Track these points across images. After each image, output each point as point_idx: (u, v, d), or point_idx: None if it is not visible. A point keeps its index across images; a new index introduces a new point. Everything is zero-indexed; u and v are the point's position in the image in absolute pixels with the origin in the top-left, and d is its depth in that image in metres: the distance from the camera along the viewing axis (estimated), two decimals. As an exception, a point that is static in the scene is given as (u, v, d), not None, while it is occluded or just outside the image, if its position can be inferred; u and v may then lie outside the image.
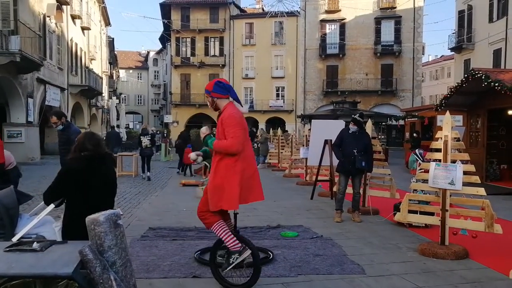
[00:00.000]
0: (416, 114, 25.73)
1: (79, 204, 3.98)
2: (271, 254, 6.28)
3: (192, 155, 9.86)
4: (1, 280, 2.79)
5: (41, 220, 4.21)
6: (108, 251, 2.87)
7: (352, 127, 8.99)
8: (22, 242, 3.28)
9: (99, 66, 45.33)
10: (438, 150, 6.80)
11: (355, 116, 9.13)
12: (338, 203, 9.13)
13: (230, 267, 4.73)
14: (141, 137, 17.46)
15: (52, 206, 4.18)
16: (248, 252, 4.78)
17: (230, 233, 4.86)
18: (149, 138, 17.24)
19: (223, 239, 4.85)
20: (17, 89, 23.00)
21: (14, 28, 21.35)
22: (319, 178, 12.63)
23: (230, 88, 4.99)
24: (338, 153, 9.09)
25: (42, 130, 27.06)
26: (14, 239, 3.78)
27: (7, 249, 2.98)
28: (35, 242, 3.08)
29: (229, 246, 4.78)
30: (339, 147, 9.12)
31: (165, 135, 41.22)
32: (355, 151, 8.81)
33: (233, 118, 4.78)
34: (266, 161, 23.47)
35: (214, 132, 5.11)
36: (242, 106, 4.61)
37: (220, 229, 4.87)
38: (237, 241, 4.81)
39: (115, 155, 19.37)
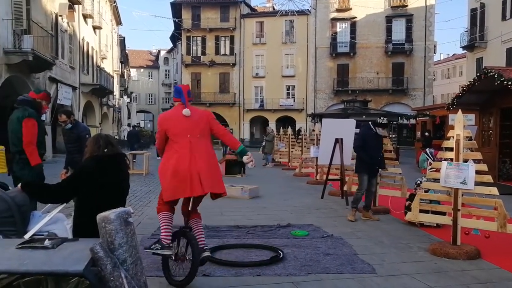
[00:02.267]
0: (428, 113, 25.57)
1: (91, 203, 4.00)
2: (281, 253, 6.27)
3: None
4: (13, 276, 2.80)
5: (53, 217, 4.22)
6: (119, 249, 2.87)
7: (380, 131, 9.10)
8: (34, 239, 3.29)
9: (110, 65, 45.51)
10: (450, 149, 6.76)
11: (382, 122, 9.15)
12: (357, 202, 9.12)
13: (148, 250, 5.08)
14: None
15: (64, 203, 4.21)
16: (168, 253, 5.05)
17: (167, 226, 5.19)
18: None
19: (160, 227, 5.25)
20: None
21: (27, 27, 21.48)
22: (330, 177, 12.61)
23: (181, 91, 5.33)
24: (366, 155, 9.03)
25: (54, 128, 27.19)
26: (26, 236, 3.79)
27: (19, 246, 2.98)
28: (47, 240, 3.08)
29: (160, 236, 5.16)
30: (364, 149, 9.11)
31: None
32: (379, 153, 9.16)
33: (158, 120, 5.38)
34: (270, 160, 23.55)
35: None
36: (186, 108, 4.94)
37: (161, 219, 5.25)
38: (169, 237, 5.13)
39: (133, 152, 19.94)
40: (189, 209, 5.47)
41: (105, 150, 4.25)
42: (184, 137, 5.12)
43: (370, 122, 9.34)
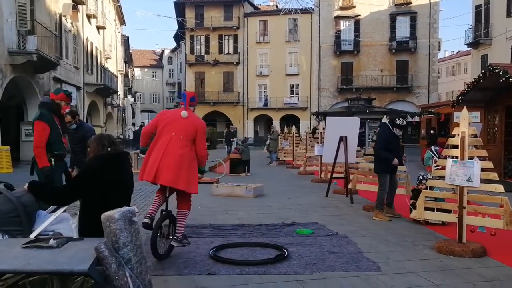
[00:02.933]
0: (432, 110, 25.52)
1: (95, 202, 4.01)
2: (286, 252, 6.27)
3: None
4: (19, 276, 2.82)
5: (58, 217, 4.24)
6: (123, 248, 2.87)
7: (398, 132, 9.03)
8: (39, 239, 3.31)
9: (115, 65, 45.63)
10: (455, 147, 6.73)
11: (401, 123, 9.08)
12: (382, 202, 9.06)
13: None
14: None
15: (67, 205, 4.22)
16: (146, 220, 5.93)
17: (154, 204, 6.16)
18: None
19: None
20: (34, 88, 23.20)
21: (31, 28, 21.54)
22: (334, 175, 12.60)
23: (185, 96, 6.34)
24: (391, 156, 9.00)
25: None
26: (32, 236, 3.80)
27: (25, 245, 2.99)
28: (52, 239, 3.10)
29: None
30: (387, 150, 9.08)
31: None
32: (398, 152, 9.17)
33: (158, 113, 6.62)
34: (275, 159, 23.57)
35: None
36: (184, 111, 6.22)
37: (154, 199, 6.31)
38: (153, 211, 6.04)
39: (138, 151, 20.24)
40: (176, 199, 6.24)
41: (109, 150, 4.27)
42: (169, 133, 5.95)
43: (388, 122, 9.29)
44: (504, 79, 13.53)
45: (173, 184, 5.82)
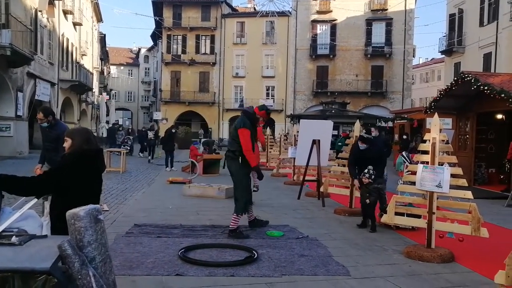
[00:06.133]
0: (406, 116, 25.83)
1: (69, 197, 3.93)
2: (255, 253, 6.24)
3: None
4: (-21, 274, 2.74)
5: (23, 214, 4.14)
6: (88, 247, 2.82)
7: (361, 145, 8.86)
8: (2, 235, 3.23)
9: (90, 62, 45.21)
10: (426, 152, 6.79)
11: (363, 135, 9.03)
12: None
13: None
14: (148, 131, 26.00)
15: (34, 200, 4.12)
16: None
17: None
18: (154, 133, 25.18)
19: None
20: (6, 83, 22.83)
21: (5, 21, 21.22)
22: (307, 178, 12.62)
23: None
24: (354, 172, 8.95)
25: (31, 124, 26.86)
26: (-6, 233, 3.71)
27: (-15, 243, 2.92)
28: (14, 236, 3.03)
29: None
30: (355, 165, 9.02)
31: (130, 131, 40.53)
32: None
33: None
34: None
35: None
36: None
37: None
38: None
39: (111, 149, 20.43)
40: None
41: (88, 144, 4.22)
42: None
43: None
44: (475, 87, 13.73)
45: None
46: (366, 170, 8.46)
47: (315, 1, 47.56)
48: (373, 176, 8.28)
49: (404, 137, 22.83)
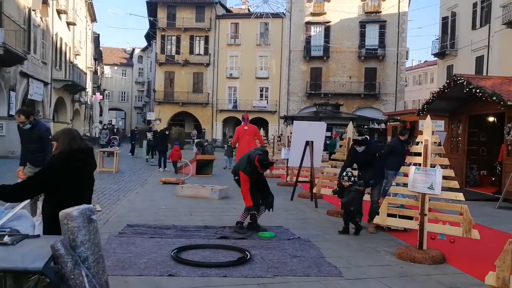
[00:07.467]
0: (399, 118, 25.88)
1: (61, 197, 3.93)
2: (248, 254, 6.25)
3: None
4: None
5: (16, 214, 4.14)
6: (81, 247, 2.83)
7: (358, 148, 8.68)
8: (-6, 235, 3.22)
9: (84, 61, 45.04)
10: (418, 154, 6.82)
11: (356, 138, 8.96)
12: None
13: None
14: (146, 132, 26.87)
15: (27, 200, 4.12)
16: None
17: None
18: (152, 133, 25.01)
19: None
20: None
21: (-1, 20, 21.12)
22: (300, 179, 12.64)
23: (244, 118, 11.21)
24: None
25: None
26: (-14, 233, 3.71)
27: (-22, 242, 2.92)
28: (7, 236, 3.02)
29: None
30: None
31: (115, 130, 40.28)
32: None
33: (237, 128, 11.31)
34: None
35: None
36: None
37: None
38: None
39: (104, 149, 20.44)
40: None
41: (77, 143, 4.21)
42: (244, 137, 12.55)
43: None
44: (467, 89, 13.79)
45: None
46: (344, 173, 8.32)
47: (309, 3, 47.65)
48: (352, 178, 8.21)
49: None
